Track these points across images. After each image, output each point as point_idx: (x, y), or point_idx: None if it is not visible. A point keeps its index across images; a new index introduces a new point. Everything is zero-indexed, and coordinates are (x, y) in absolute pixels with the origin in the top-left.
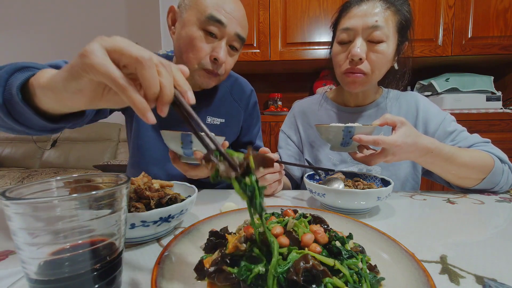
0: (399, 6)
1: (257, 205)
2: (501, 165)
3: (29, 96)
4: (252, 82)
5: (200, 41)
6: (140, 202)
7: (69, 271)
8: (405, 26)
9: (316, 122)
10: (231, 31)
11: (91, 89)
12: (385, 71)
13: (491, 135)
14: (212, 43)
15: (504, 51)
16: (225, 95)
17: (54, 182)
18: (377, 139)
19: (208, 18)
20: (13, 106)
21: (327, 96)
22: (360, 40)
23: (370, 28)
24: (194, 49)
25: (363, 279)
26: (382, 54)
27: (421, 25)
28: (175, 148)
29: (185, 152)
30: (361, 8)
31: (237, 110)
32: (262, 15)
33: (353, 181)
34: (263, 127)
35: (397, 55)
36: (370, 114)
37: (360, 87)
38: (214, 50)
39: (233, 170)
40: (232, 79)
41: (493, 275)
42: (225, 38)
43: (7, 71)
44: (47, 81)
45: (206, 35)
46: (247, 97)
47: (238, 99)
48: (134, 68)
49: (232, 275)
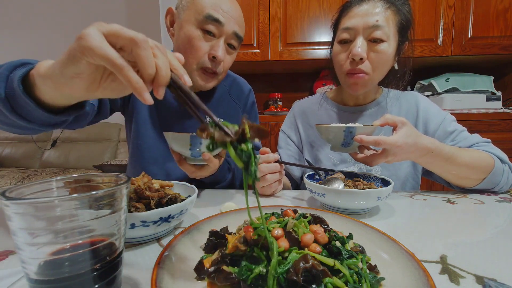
0: (399, 6)
1: (253, 172)
2: (501, 165)
3: (30, 88)
4: (252, 82)
5: (198, 40)
6: (140, 202)
7: (69, 271)
8: (405, 26)
9: (316, 122)
10: (229, 29)
11: (89, 73)
12: (386, 71)
13: (491, 135)
14: (211, 42)
15: (504, 51)
16: (223, 95)
17: (54, 182)
18: (378, 139)
19: (206, 17)
20: (16, 100)
21: (327, 96)
22: (361, 40)
23: (371, 28)
24: (193, 48)
25: (363, 279)
26: (383, 53)
27: (421, 25)
28: (181, 150)
29: (192, 154)
30: (362, 7)
31: (235, 109)
32: (262, 15)
33: (353, 181)
34: (263, 127)
35: (397, 55)
36: (370, 113)
37: (362, 88)
38: (213, 49)
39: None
40: (230, 79)
41: (493, 275)
42: (223, 37)
43: (7, 68)
44: (46, 69)
45: (204, 34)
46: (245, 97)
47: (236, 98)
48: (130, 50)
49: (232, 275)
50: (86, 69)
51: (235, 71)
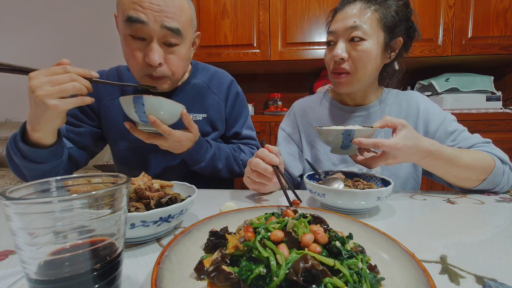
0: (381, 3)
1: None
2: (502, 166)
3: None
4: (252, 82)
5: (132, 50)
6: (140, 202)
7: (69, 271)
8: (391, 22)
9: (317, 120)
10: (155, 27)
11: None
12: (373, 69)
13: (491, 135)
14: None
15: (504, 51)
16: (203, 90)
17: (54, 182)
18: (377, 142)
19: (128, 20)
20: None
21: (328, 93)
22: (341, 42)
23: (349, 29)
24: (130, 61)
25: (363, 279)
26: (364, 52)
27: (421, 25)
28: (130, 114)
29: (140, 117)
30: (344, 11)
31: (218, 102)
32: (262, 15)
33: (353, 181)
34: (263, 127)
35: (388, 52)
36: (370, 113)
37: (346, 86)
38: (146, 55)
39: None
40: (209, 73)
41: (493, 275)
42: (154, 37)
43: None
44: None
45: (135, 40)
46: (226, 88)
47: (217, 91)
48: None
49: (232, 275)
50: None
51: (235, 71)
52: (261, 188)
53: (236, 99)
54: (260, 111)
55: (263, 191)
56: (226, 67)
